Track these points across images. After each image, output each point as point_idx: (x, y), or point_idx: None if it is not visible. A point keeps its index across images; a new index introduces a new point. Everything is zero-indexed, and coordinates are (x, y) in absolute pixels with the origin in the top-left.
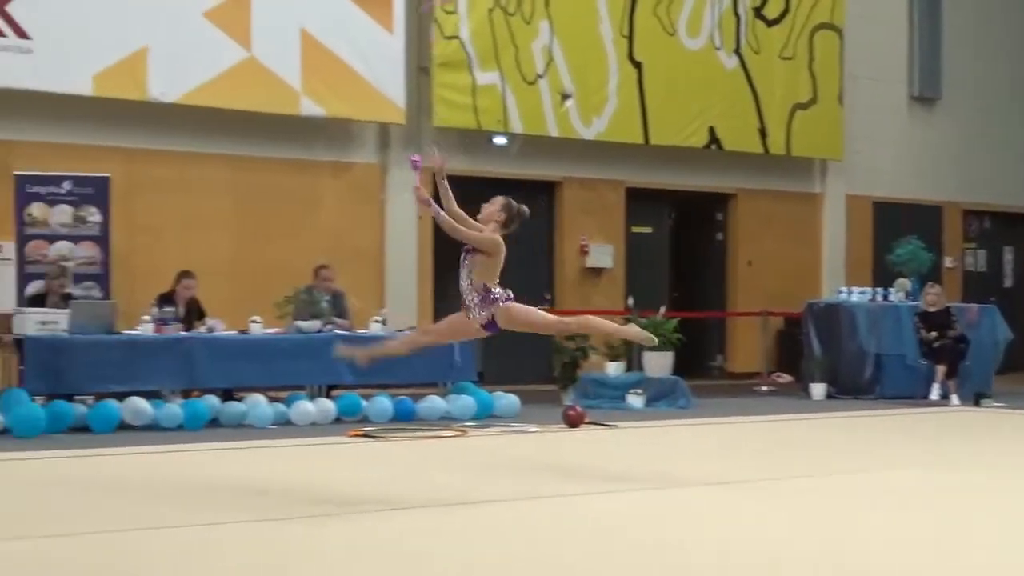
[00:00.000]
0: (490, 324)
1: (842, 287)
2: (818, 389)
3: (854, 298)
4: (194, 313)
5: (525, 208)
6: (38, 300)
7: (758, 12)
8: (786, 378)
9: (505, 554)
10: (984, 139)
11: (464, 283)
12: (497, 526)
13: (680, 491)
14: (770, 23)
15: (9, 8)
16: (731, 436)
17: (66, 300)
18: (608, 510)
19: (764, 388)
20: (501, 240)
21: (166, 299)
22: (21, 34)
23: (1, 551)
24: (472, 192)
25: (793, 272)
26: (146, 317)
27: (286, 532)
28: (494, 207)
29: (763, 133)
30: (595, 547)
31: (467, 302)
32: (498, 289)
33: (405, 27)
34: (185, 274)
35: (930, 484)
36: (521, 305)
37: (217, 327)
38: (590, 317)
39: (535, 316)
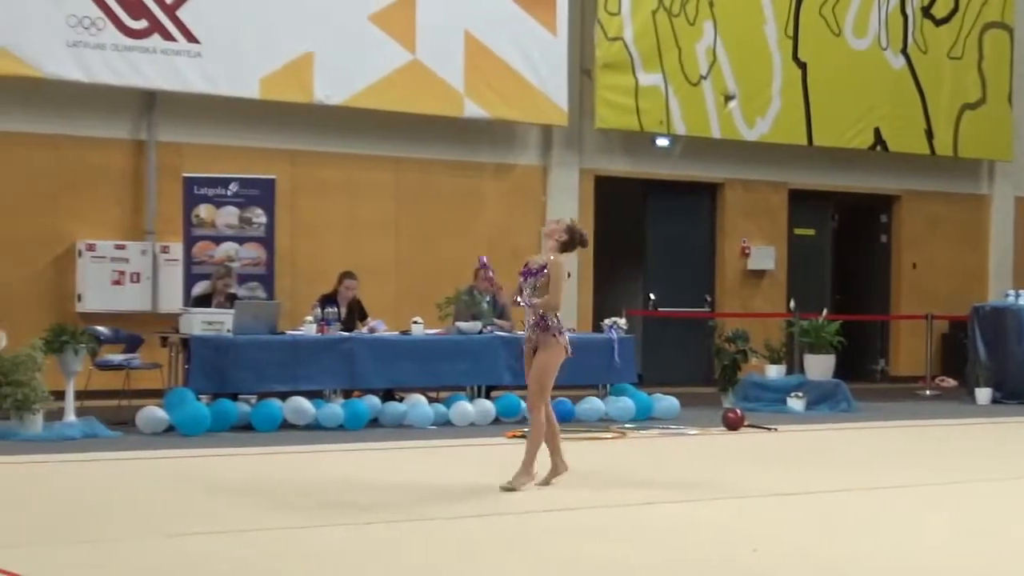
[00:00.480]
0: (532, 351)
1: (1010, 290)
2: (983, 394)
3: (1022, 301)
4: (356, 313)
5: (586, 236)
6: (204, 300)
7: (926, 11)
8: (950, 382)
9: (666, 555)
10: None
11: (526, 304)
12: (659, 526)
13: (843, 496)
14: (938, 22)
15: (180, 13)
16: (895, 441)
17: (231, 300)
18: (771, 516)
19: (927, 392)
20: (562, 260)
21: (328, 300)
22: (191, 38)
23: (169, 547)
24: (634, 194)
25: (959, 275)
26: (309, 318)
27: (446, 531)
28: (559, 226)
29: (929, 134)
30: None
31: (526, 321)
32: (554, 320)
33: (568, 29)
34: (347, 275)
35: None
36: (562, 355)
37: (379, 327)
38: (543, 431)
39: (549, 378)
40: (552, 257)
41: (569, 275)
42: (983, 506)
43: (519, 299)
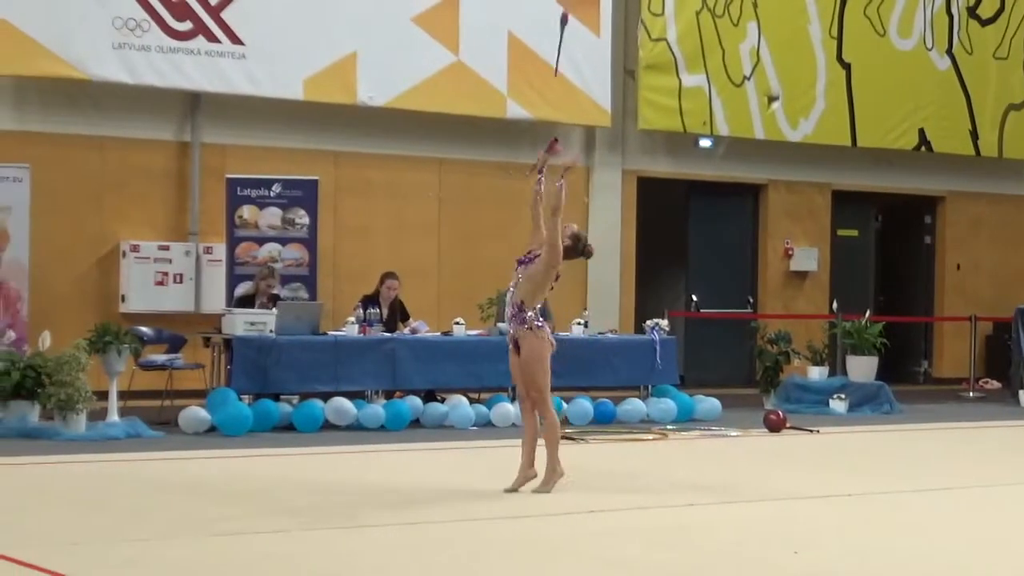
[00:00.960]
0: (515, 345)
1: None
2: None
3: None
4: (398, 314)
5: (591, 248)
6: (247, 301)
7: (972, 11)
8: (994, 384)
9: (707, 558)
10: None
11: (509, 294)
12: (700, 528)
13: (885, 498)
14: (984, 22)
15: (224, 15)
16: (938, 443)
17: (274, 301)
18: (812, 518)
19: (971, 394)
20: (562, 256)
21: (370, 300)
22: (235, 40)
23: (215, 547)
24: (677, 194)
25: (1004, 276)
26: (351, 319)
27: (488, 532)
28: (565, 232)
29: (974, 134)
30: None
31: (507, 314)
32: (531, 313)
33: (612, 29)
34: (389, 275)
35: None
36: (546, 348)
37: (421, 328)
38: (556, 429)
39: (542, 373)
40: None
41: (558, 277)
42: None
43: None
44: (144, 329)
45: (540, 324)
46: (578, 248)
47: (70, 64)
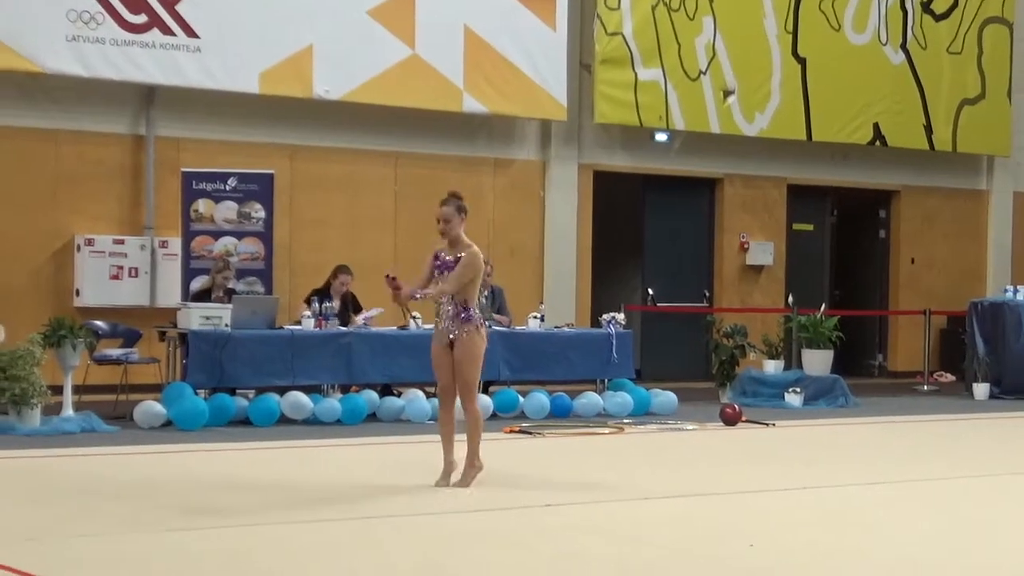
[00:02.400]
0: (454, 343)
1: (1008, 286)
2: (981, 389)
3: (1020, 297)
4: (350, 307)
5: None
6: (203, 295)
7: (926, 6)
8: (948, 378)
9: (663, 552)
10: None
11: (443, 300)
12: (656, 522)
13: (840, 491)
14: (938, 17)
15: (179, 8)
16: (893, 436)
17: (230, 295)
18: (768, 512)
19: (925, 387)
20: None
21: (320, 294)
22: (190, 33)
23: (169, 542)
24: (633, 189)
25: (957, 270)
26: (307, 313)
27: (445, 526)
28: (450, 207)
29: (929, 129)
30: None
31: (442, 315)
32: (476, 312)
33: (568, 24)
34: (342, 269)
35: None
36: (484, 345)
37: (375, 312)
38: (481, 423)
39: (478, 370)
40: (473, 248)
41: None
42: (981, 502)
43: (421, 293)
44: (99, 323)
45: (483, 322)
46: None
47: (23, 56)
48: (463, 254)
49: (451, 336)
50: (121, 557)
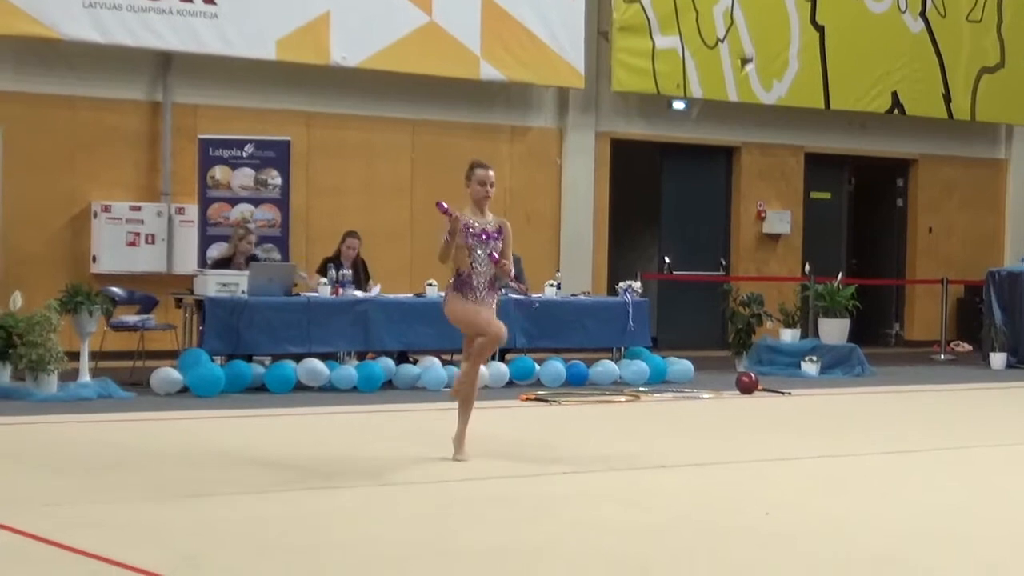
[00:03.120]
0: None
1: None
2: (998, 359)
3: None
4: (361, 273)
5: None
6: (224, 263)
7: None
8: (965, 347)
9: (678, 518)
10: None
11: (482, 269)
12: (672, 489)
13: (856, 459)
14: None
15: None
16: (909, 405)
17: (247, 262)
18: (784, 480)
19: (942, 357)
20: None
21: (332, 261)
22: (208, 0)
23: (184, 508)
24: (650, 157)
25: (975, 240)
26: (323, 280)
27: (457, 492)
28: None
29: (947, 98)
30: (788, 516)
31: (478, 285)
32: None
33: None
34: (350, 234)
35: None
36: None
37: (374, 291)
38: (477, 374)
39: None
40: (505, 220)
41: None
42: (998, 471)
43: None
44: (116, 290)
45: None
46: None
47: (42, 23)
48: (501, 225)
49: (489, 304)
50: (137, 524)
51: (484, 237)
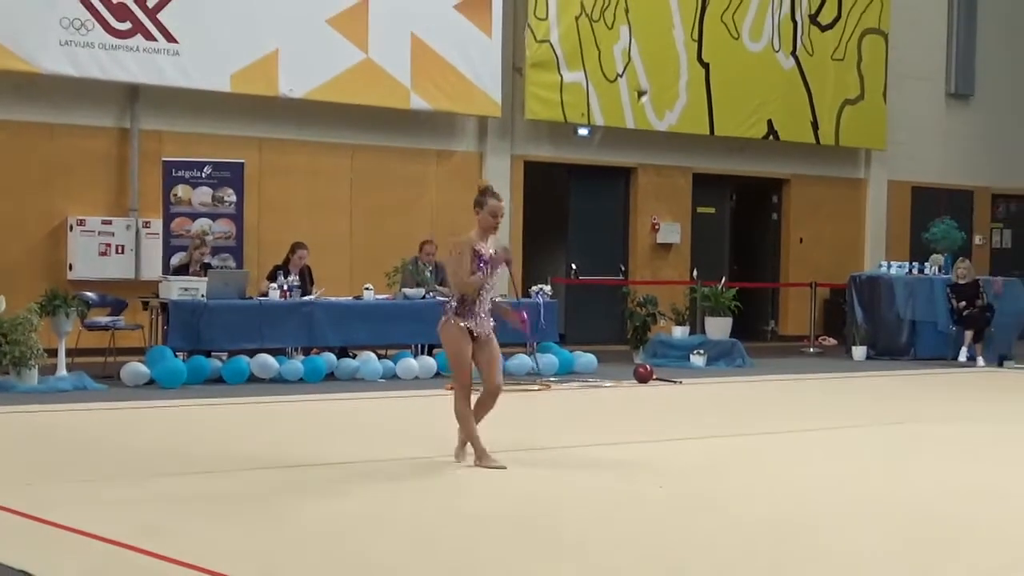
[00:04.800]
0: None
1: (883, 261)
2: (859, 351)
3: (893, 271)
4: (307, 279)
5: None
6: (182, 269)
7: (813, 18)
8: (831, 341)
9: (583, 490)
10: (1012, 131)
11: (487, 296)
12: (578, 465)
13: (737, 440)
14: (824, 28)
15: (160, 16)
16: (783, 392)
17: (205, 269)
18: (676, 457)
19: (811, 350)
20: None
21: (281, 269)
22: (170, 38)
23: (151, 486)
24: (559, 177)
25: (839, 248)
26: (273, 285)
27: (389, 467)
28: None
29: (815, 126)
30: (680, 489)
31: (479, 313)
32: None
33: (502, 31)
34: (299, 245)
35: (961, 433)
36: None
37: (315, 294)
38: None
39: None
40: (506, 245)
41: None
42: (857, 448)
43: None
44: (89, 294)
45: None
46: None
47: (22, 59)
48: (503, 249)
49: (487, 330)
50: (105, 500)
51: (495, 265)
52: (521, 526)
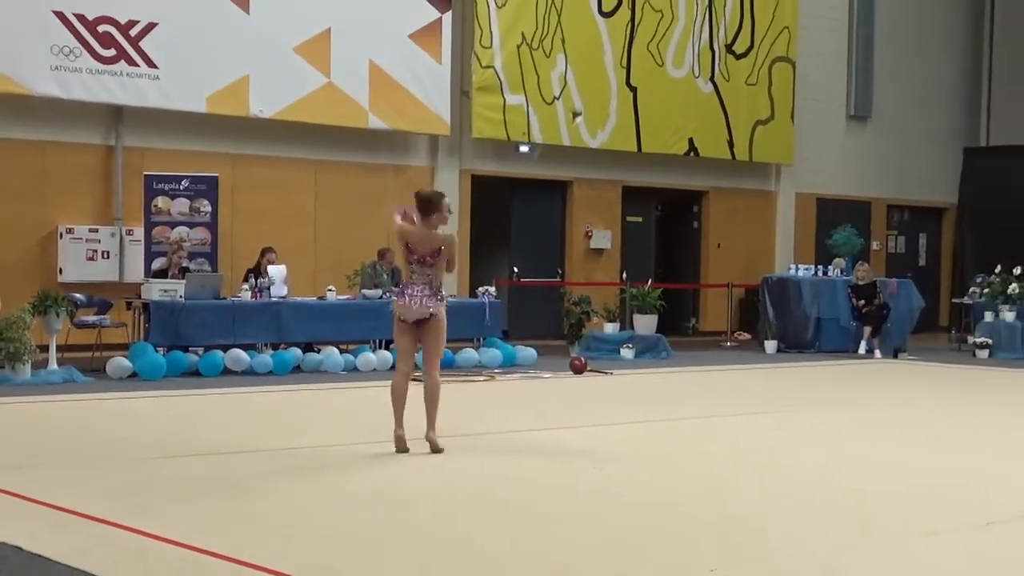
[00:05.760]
0: (424, 319)
1: (791, 265)
2: (771, 345)
3: (800, 273)
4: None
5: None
6: (162, 273)
7: (729, 47)
8: (745, 336)
9: (524, 470)
10: (905, 149)
11: (419, 282)
12: (520, 448)
13: (663, 424)
14: (738, 56)
15: (142, 44)
16: (703, 381)
17: (183, 272)
18: (609, 440)
19: (728, 344)
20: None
21: (253, 272)
22: (151, 64)
23: (134, 468)
24: (503, 189)
25: (752, 253)
26: (245, 286)
27: (350, 451)
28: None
29: (731, 144)
30: (612, 468)
31: (414, 294)
32: (443, 292)
33: (451, 59)
34: (268, 250)
35: (859, 416)
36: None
37: (278, 275)
38: (438, 389)
39: (442, 343)
40: (444, 234)
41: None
42: (766, 430)
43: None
44: (78, 295)
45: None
46: (448, 211)
47: (17, 83)
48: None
49: (431, 313)
50: (95, 481)
51: (422, 261)
52: (469, 504)
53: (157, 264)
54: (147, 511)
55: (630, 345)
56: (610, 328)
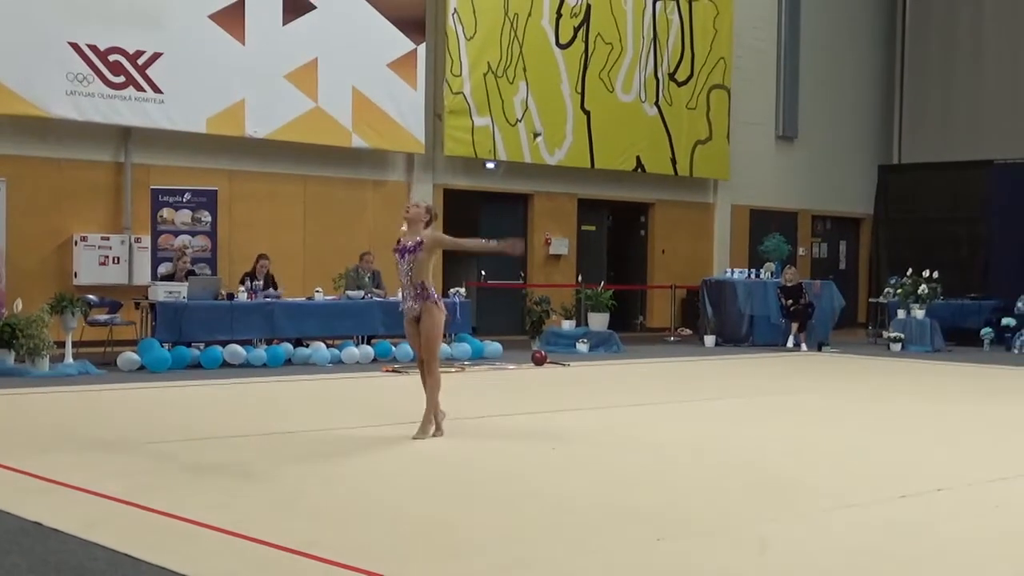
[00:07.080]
0: (418, 317)
1: (727, 268)
2: (710, 339)
3: (735, 276)
4: (270, 284)
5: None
6: (169, 277)
7: (671, 76)
8: (687, 332)
9: (490, 449)
10: (827, 166)
11: (406, 284)
12: (488, 432)
13: (613, 410)
14: (680, 84)
15: (149, 71)
16: (650, 372)
17: (187, 275)
18: (565, 425)
19: (672, 339)
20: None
21: (249, 275)
22: (156, 90)
23: (146, 451)
24: (472, 202)
25: (693, 258)
26: (242, 288)
27: (338, 435)
28: (421, 210)
29: (674, 161)
30: (568, 449)
31: (405, 297)
32: (432, 290)
33: (425, 85)
34: (262, 256)
35: (787, 402)
36: (443, 317)
37: (272, 295)
38: (440, 382)
39: (440, 339)
40: (428, 231)
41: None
42: (706, 414)
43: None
44: (91, 297)
45: (439, 298)
46: (432, 218)
47: (35, 106)
48: (423, 238)
49: (417, 312)
50: (107, 463)
51: (405, 252)
52: (442, 480)
53: (163, 269)
54: (156, 490)
55: (585, 340)
56: (567, 325)
